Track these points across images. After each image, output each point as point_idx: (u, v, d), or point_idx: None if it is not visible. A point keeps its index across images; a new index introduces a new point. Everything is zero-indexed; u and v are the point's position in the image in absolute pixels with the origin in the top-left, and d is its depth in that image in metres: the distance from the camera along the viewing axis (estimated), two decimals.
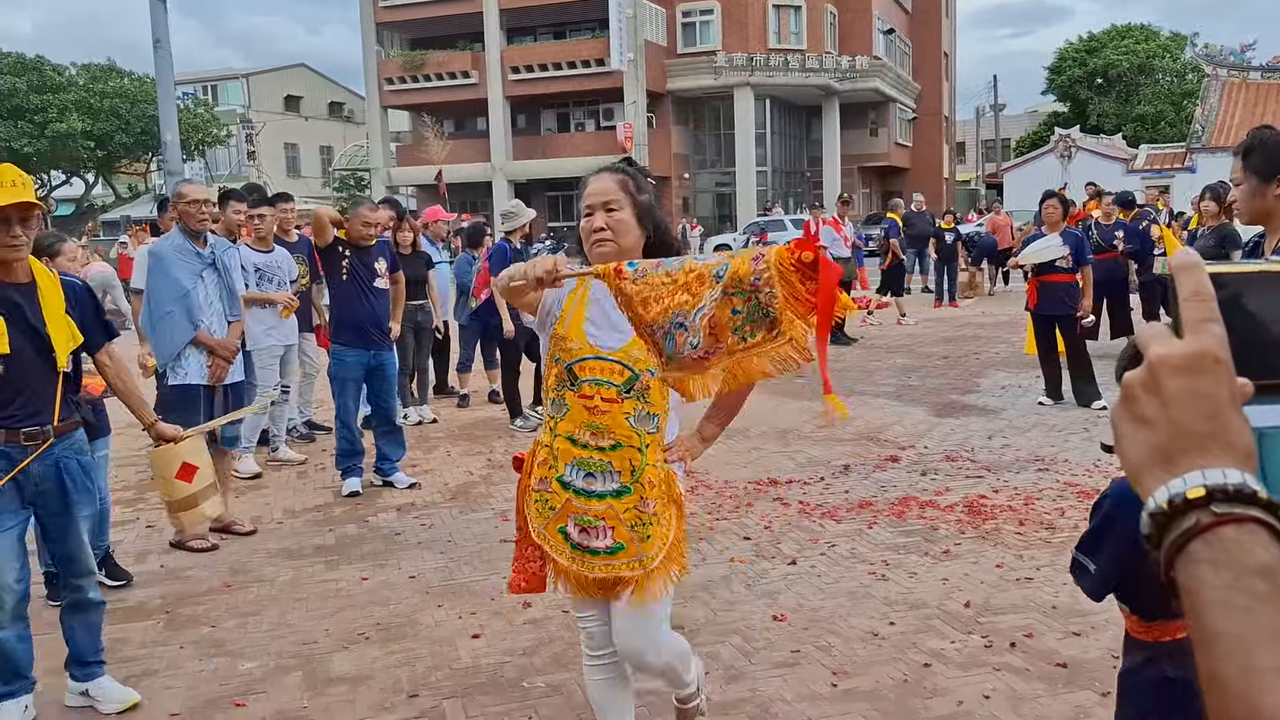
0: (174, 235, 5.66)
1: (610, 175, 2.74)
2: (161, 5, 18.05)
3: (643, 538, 2.65)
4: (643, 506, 2.65)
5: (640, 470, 2.63)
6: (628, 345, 2.59)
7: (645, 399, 2.62)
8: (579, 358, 2.65)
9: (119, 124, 38.74)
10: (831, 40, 43.65)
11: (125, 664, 4.04)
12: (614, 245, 2.64)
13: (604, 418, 2.62)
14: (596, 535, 2.67)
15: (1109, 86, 49.55)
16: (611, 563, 2.67)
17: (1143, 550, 1.39)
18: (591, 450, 2.64)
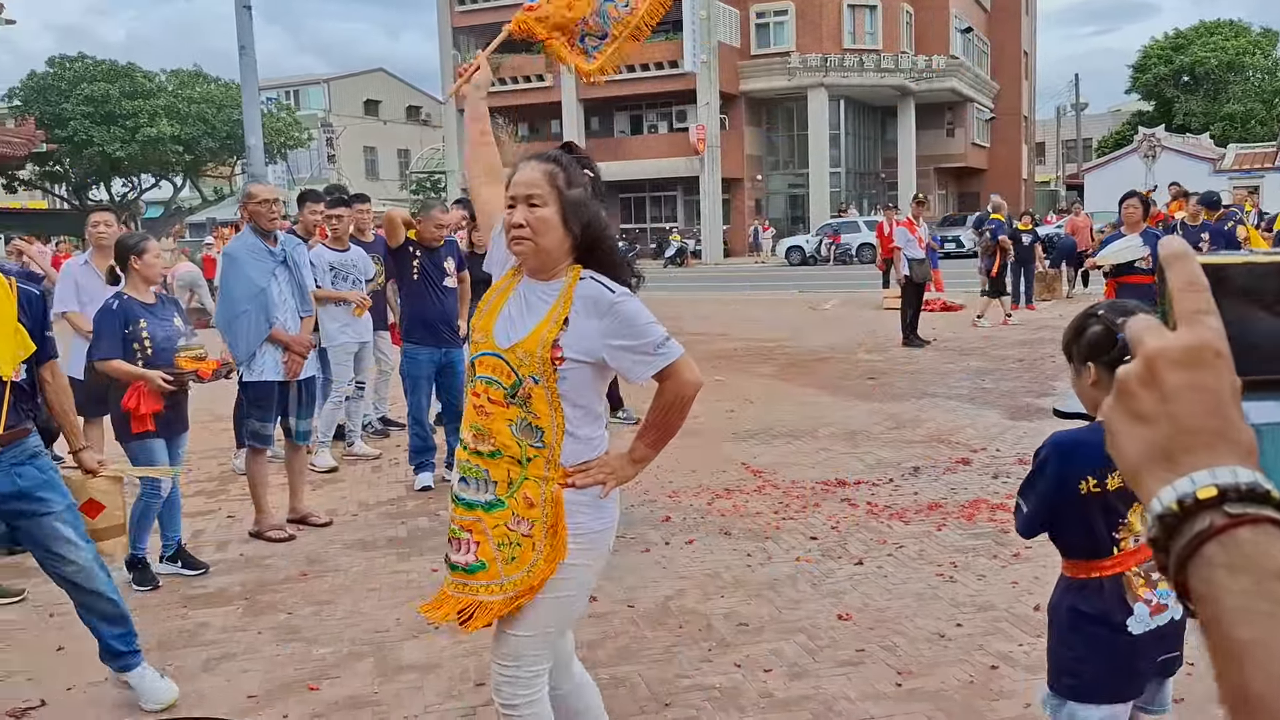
0: (245, 235, 5.80)
1: (538, 165, 2.50)
2: (247, 12, 18.55)
3: (508, 559, 2.41)
4: (514, 524, 2.41)
5: (518, 485, 2.40)
6: (516, 345, 2.41)
7: (528, 408, 2.40)
8: (480, 351, 2.48)
9: (206, 128, 39.95)
10: (907, 40, 43.16)
11: (205, 647, 4.19)
12: (531, 245, 2.45)
13: (487, 420, 2.42)
14: (460, 548, 2.46)
15: (1196, 84, 48.24)
16: (468, 581, 2.45)
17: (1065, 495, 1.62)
18: (470, 454, 2.45)
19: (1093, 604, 2.35)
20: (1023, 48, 52.32)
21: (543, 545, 2.41)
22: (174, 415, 4.96)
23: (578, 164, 2.56)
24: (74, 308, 6.49)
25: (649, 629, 4.19)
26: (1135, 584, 2.34)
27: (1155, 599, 2.34)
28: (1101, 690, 2.36)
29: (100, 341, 4.81)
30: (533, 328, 2.43)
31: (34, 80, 39.46)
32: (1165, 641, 2.38)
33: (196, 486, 6.85)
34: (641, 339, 2.45)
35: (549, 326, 2.42)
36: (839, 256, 34.64)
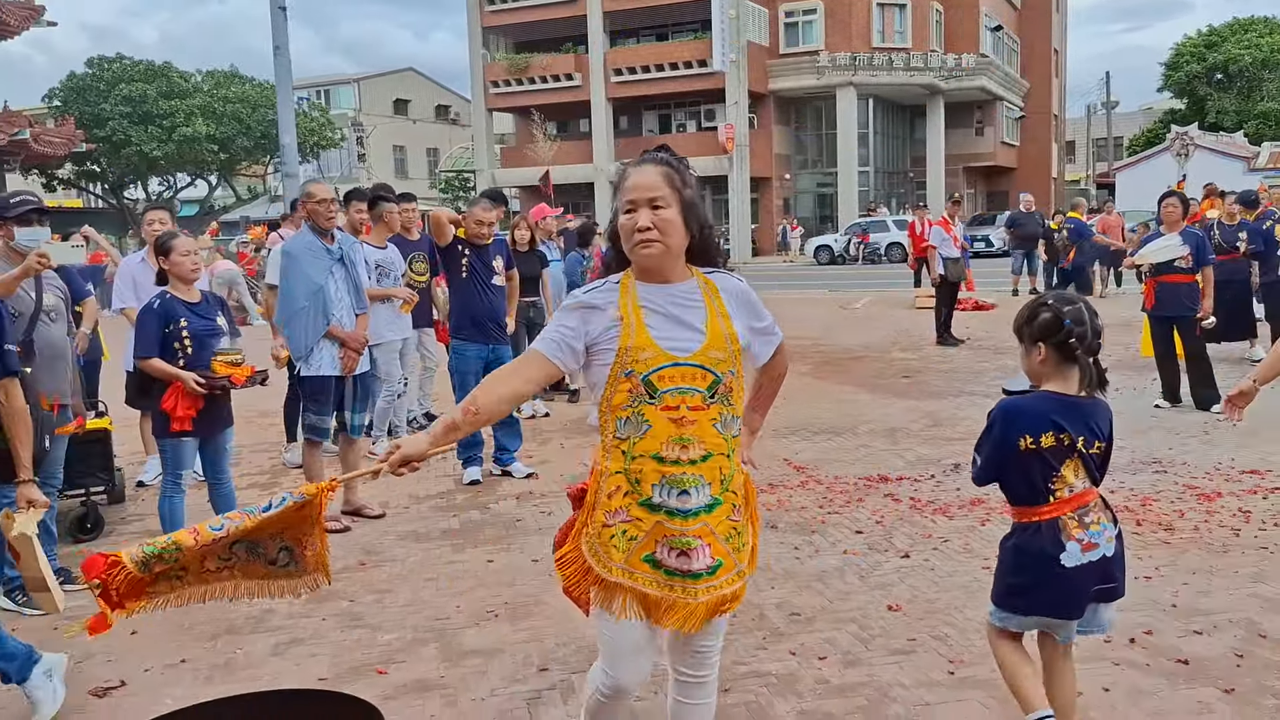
0: (304, 234, 5.94)
1: (654, 167, 2.51)
2: (282, 13, 18.77)
3: (737, 548, 2.52)
4: (734, 516, 2.52)
5: (729, 478, 2.50)
6: (705, 346, 2.46)
7: (728, 402, 2.48)
8: (654, 367, 2.43)
9: (240, 128, 40.40)
10: (937, 38, 43.04)
11: (273, 633, 4.33)
12: (661, 246, 2.46)
13: (692, 428, 2.43)
14: (696, 556, 2.46)
15: (1230, 82, 47.78)
16: (714, 583, 2.49)
17: (1008, 451, 2.20)
18: (683, 465, 2.44)
19: (1032, 543, 2.87)
20: (1053, 46, 52.02)
21: (746, 520, 2.58)
22: (214, 415, 5.06)
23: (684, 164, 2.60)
24: (132, 303, 6.67)
25: None
26: (1069, 526, 2.84)
27: (1086, 538, 2.84)
28: (1038, 608, 2.91)
29: (140, 339, 4.95)
30: (708, 327, 2.48)
31: (73, 81, 40.04)
32: (1100, 574, 2.87)
33: (249, 480, 7.01)
34: (765, 321, 2.66)
35: (722, 321, 2.50)
36: (868, 256, 34.62)
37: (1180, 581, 4.48)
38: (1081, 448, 2.85)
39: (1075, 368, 2.86)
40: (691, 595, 2.47)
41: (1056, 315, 2.80)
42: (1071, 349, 2.82)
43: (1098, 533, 2.85)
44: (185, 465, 5.04)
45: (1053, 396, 2.87)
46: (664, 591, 2.47)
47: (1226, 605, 4.20)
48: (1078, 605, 2.88)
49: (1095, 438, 2.88)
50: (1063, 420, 2.83)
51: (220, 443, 5.20)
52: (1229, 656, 3.72)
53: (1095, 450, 2.90)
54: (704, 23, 39.45)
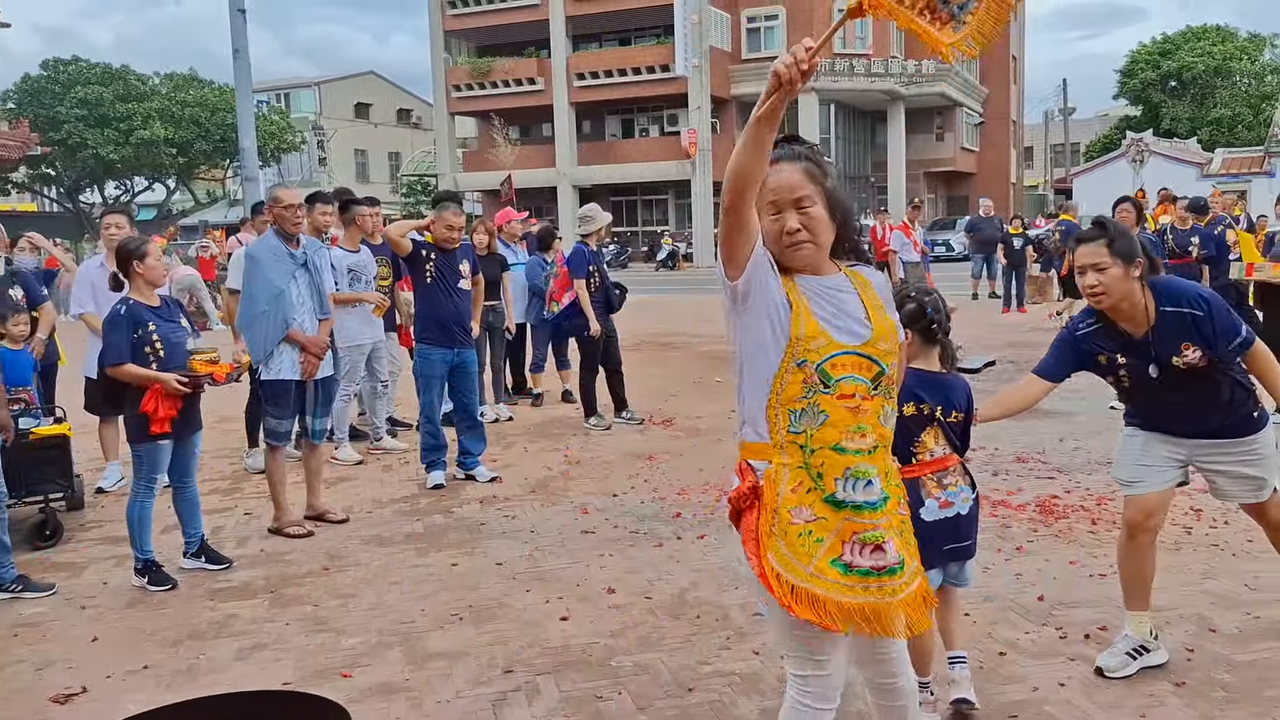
0: (268, 237, 5.92)
1: (793, 166, 2.41)
2: (241, 16, 18.64)
3: (908, 543, 2.43)
4: (900, 509, 2.43)
5: (892, 471, 2.43)
6: (873, 338, 2.37)
7: (890, 395, 2.41)
8: (826, 355, 2.33)
9: (199, 131, 40.00)
10: (898, 45, 43.44)
11: (237, 637, 4.31)
12: (813, 246, 2.38)
13: (865, 417, 2.34)
14: (886, 553, 2.34)
15: (1184, 89, 48.66)
16: (892, 584, 2.35)
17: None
18: (862, 455, 2.33)
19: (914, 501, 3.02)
20: (1011, 53, 52.66)
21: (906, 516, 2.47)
22: (188, 416, 5.07)
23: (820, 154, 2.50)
24: (90, 308, 6.62)
25: (667, 619, 4.33)
26: (928, 485, 3.24)
27: (944, 497, 3.23)
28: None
29: (110, 347, 4.92)
30: (870, 318, 2.40)
31: (28, 83, 39.46)
32: (954, 532, 3.26)
33: (211, 485, 6.96)
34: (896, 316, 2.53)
35: (882, 313, 2.43)
36: None
37: None
38: (940, 416, 3.26)
39: (935, 348, 3.33)
40: (891, 594, 2.33)
41: (920, 305, 3.26)
42: (934, 333, 3.30)
43: (954, 493, 3.26)
44: (161, 469, 5.02)
45: (916, 372, 3.24)
46: (860, 596, 2.30)
47: (1178, 601, 4.30)
48: (931, 555, 3.08)
49: (953, 408, 3.28)
50: (923, 393, 3.23)
51: (190, 446, 5.19)
52: (1180, 651, 3.81)
53: (954, 419, 3.29)
54: (666, 28, 39.55)
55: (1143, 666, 3.65)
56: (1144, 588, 3.71)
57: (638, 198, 43.85)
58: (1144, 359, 3.51)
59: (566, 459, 7.42)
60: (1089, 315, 3.62)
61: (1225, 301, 3.55)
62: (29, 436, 5.80)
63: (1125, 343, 3.54)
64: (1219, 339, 3.40)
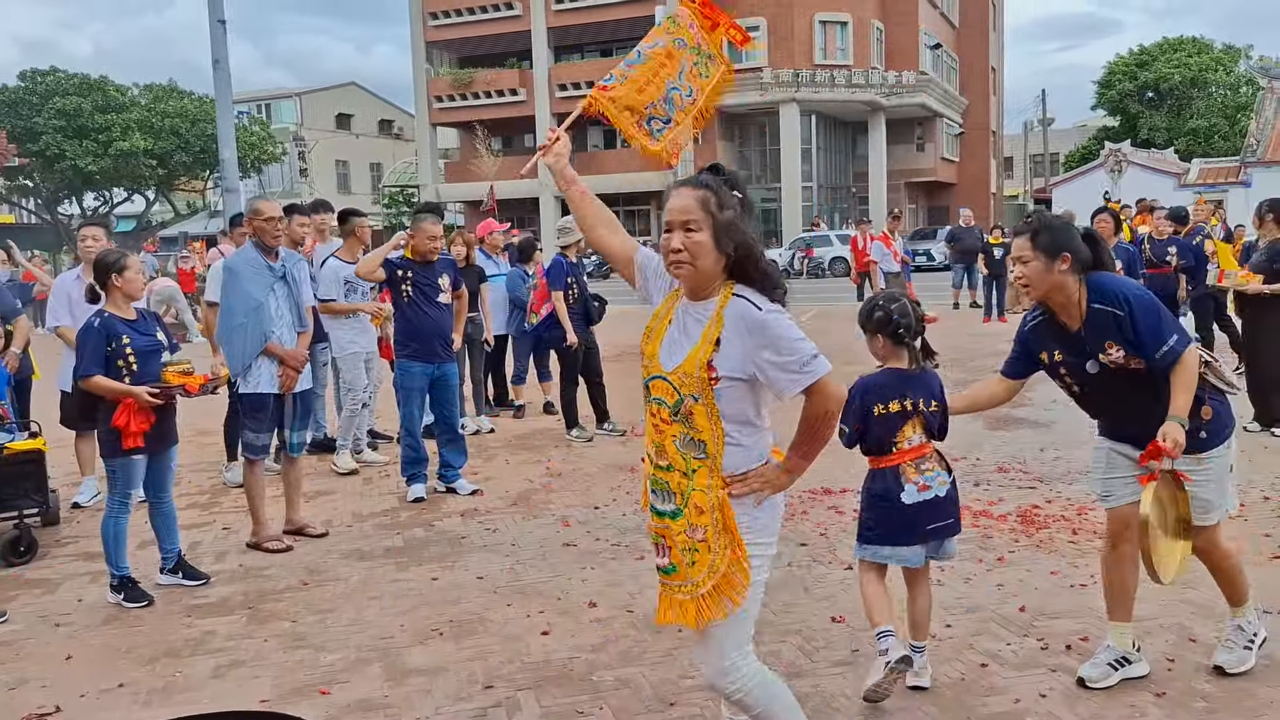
0: (247, 249, 5.88)
1: (690, 190, 2.62)
2: (221, 27, 18.55)
3: (689, 563, 2.64)
4: (691, 532, 2.63)
5: (688, 495, 2.62)
6: (678, 368, 2.60)
7: (690, 424, 2.60)
8: (651, 375, 2.69)
9: (179, 142, 39.81)
10: (878, 55, 43.71)
11: (214, 654, 4.26)
12: (690, 268, 2.60)
13: (661, 437, 2.67)
14: (659, 553, 2.73)
15: (1160, 100, 49.09)
16: (668, 582, 2.72)
17: (865, 416, 3.25)
18: (655, 468, 2.71)
19: (878, 485, 3.63)
20: (990, 64, 53.06)
21: (718, 546, 2.62)
22: (162, 430, 5.01)
23: (726, 185, 2.66)
24: (67, 322, 6.55)
25: (649, 633, 4.30)
26: (908, 471, 3.58)
27: (921, 481, 3.59)
28: (887, 539, 3.63)
29: (83, 359, 4.85)
30: (690, 350, 2.61)
31: (6, 94, 39.20)
32: (935, 512, 3.60)
33: (189, 500, 6.90)
34: (790, 355, 2.57)
35: (704, 347, 2.59)
36: (811, 270, 34.95)
37: None
38: (922, 408, 3.61)
39: (905, 349, 3.65)
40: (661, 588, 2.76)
41: (887, 312, 3.63)
42: (900, 336, 3.63)
43: (931, 477, 3.60)
44: (135, 484, 4.96)
45: (895, 372, 3.65)
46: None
47: (1158, 611, 4.30)
48: (914, 534, 3.59)
49: (931, 398, 3.64)
50: (905, 389, 3.61)
51: (166, 460, 5.13)
52: (1161, 661, 3.82)
53: (934, 409, 3.64)
54: None
55: (1124, 678, 3.65)
56: (1126, 598, 3.71)
57: (620, 208, 43.84)
58: (1080, 355, 3.56)
59: (548, 471, 7.39)
60: (1037, 308, 3.69)
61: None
62: (3, 451, 5.73)
63: (1064, 338, 3.59)
64: (1144, 343, 3.40)
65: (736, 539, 2.63)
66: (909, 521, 3.58)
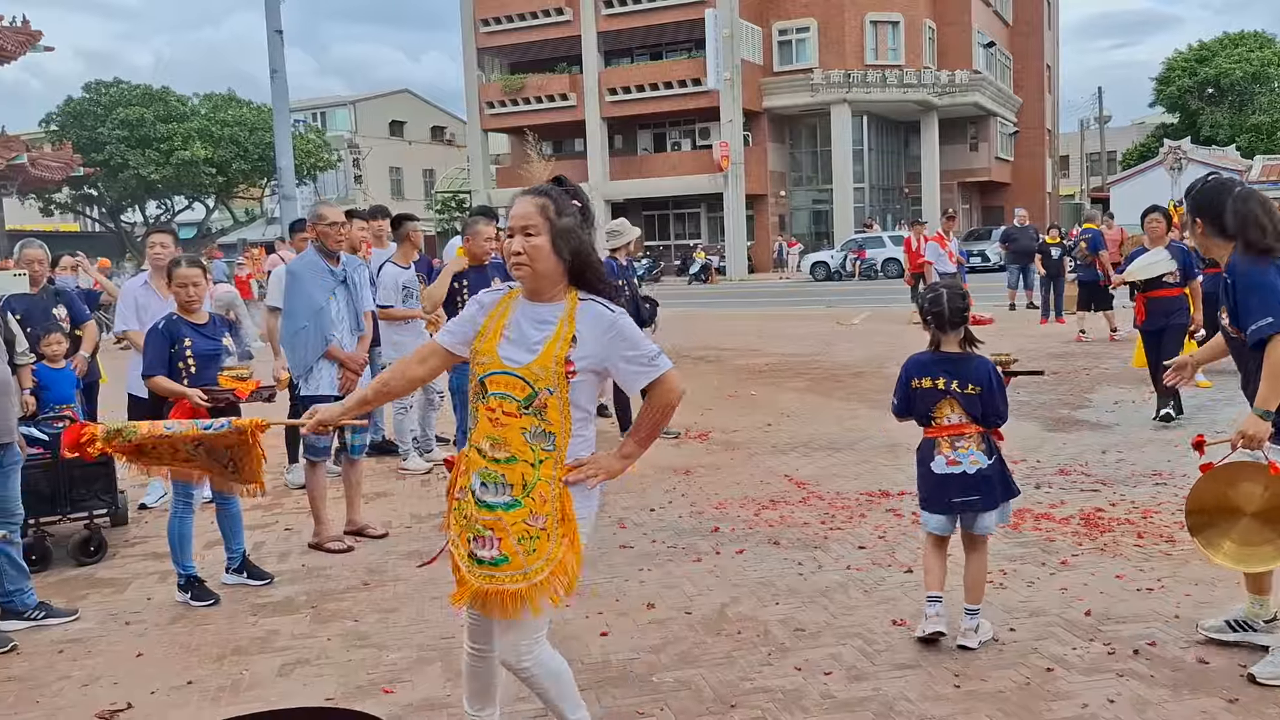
0: (309, 254, 5.97)
1: (530, 198, 2.84)
2: (278, 37, 18.86)
3: (528, 551, 2.77)
4: (531, 521, 2.77)
5: (532, 486, 2.77)
6: (532, 363, 2.77)
7: (543, 416, 2.76)
8: (490, 371, 2.81)
9: (238, 151, 40.50)
10: (930, 55, 43.28)
11: (279, 653, 4.33)
12: (529, 269, 2.80)
13: (503, 430, 2.78)
14: (484, 545, 2.80)
15: (1221, 96, 48.04)
16: (494, 574, 2.79)
17: (907, 389, 4.04)
18: (488, 461, 2.79)
19: (920, 453, 4.09)
20: (1045, 61, 52.34)
21: (556, 534, 2.80)
22: None
23: (567, 195, 2.88)
24: (134, 326, 6.68)
25: (708, 635, 4.30)
26: (941, 445, 3.98)
27: (952, 456, 3.95)
28: (924, 503, 4.11)
29: (146, 358, 5.04)
30: (544, 345, 2.78)
31: (71, 106, 40.17)
32: (961, 486, 3.95)
33: (252, 501, 6.90)
34: (639, 351, 2.84)
35: (560, 344, 2.79)
36: (864, 272, 34.71)
37: (1182, 593, 4.49)
38: (955, 389, 3.95)
39: (952, 333, 4.03)
40: (474, 576, 2.84)
41: (924, 301, 4.12)
42: (932, 323, 4.04)
43: (964, 455, 3.95)
44: (196, 485, 5.05)
45: (937, 354, 4.05)
46: (465, 567, 2.87)
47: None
48: (941, 501, 4.02)
49: (968, 381, 3.94)
50: (939, 370, 3.99)
51: None
52: (1233, 667, 3.74)
53: (970, 391, 3.94)
54: (698, 42, 39.67)
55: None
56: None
57: (669, 211, 43.91)
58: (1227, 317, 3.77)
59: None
60: None
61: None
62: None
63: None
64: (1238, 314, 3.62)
65: (574, 526, 2.81)
66: (935, 490, 4.02)
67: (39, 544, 5.70)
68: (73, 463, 5.85)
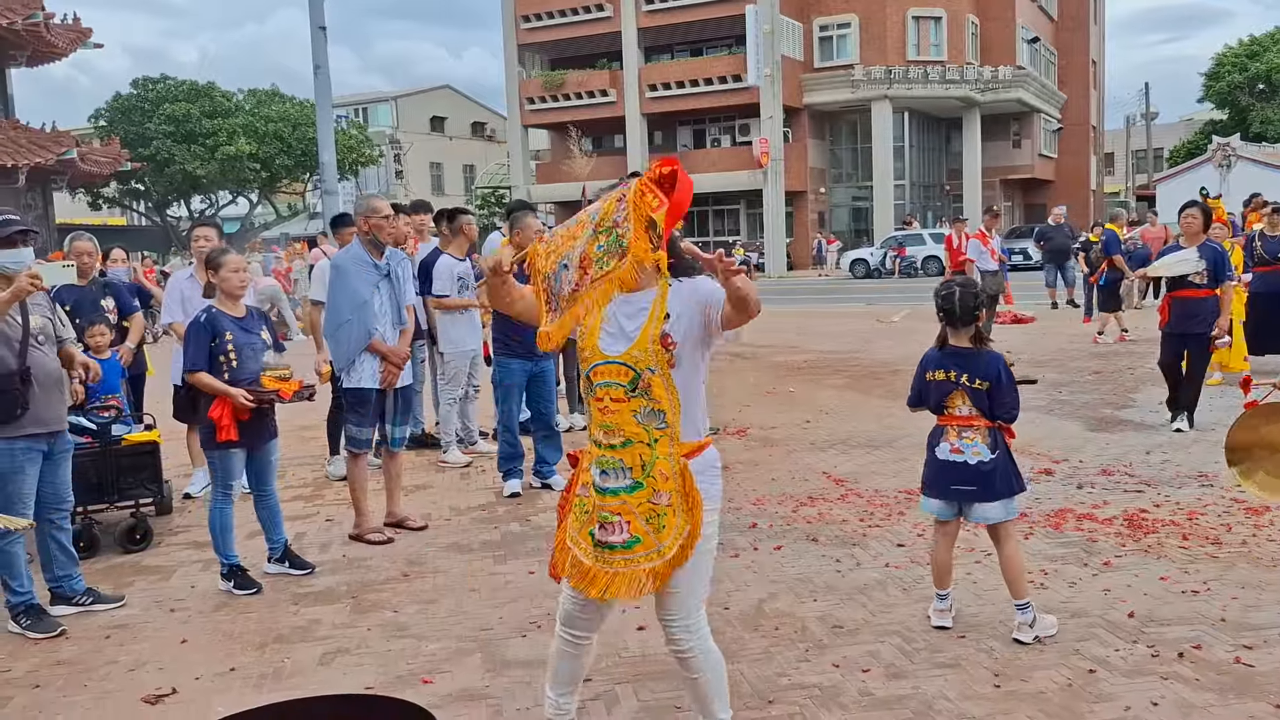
0: (354, 247, 6.00)
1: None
2: (322, 33, 19.00)
3: (658, 529, 2.86)
4: (656, 499, 2.86)
5: (650, 465, 2.86)
6: (630, 348, 2.87)
7: (650, 396, 2.86)
8: (592, 364, 2.92)
9: (281, 146, 40.95)
10: (973, 50, 42.83)
11: (320, 642, 4.38)
12: None
13: (613, 416, 2.88)
14: (613, 530, 2.88)
15: (1273, 92, 47.14)
16: (629, 556, 2.88)
17: (922, 380, 4.21)
18: (604, 449, 2.90)
19: (931, 439, 4.23)
20: (1091, 57, 51.61)
21: (682, 510, 2.87)
22: (260, 425, 5.14)
23: None
24: (179, 318, 6.77)
25: (745, 631, 4.30)
26: (949, 433, 4.14)
27: (956, 444, 4.11)
28: (925, 486, 4.30)
29: (188, 353, 5.07)
30: (640, 331, 2.88)
31: (119, 101, 40.82)
32: (958, 475, 4.10)
33: (293, 492, 7.10)
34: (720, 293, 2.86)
35: (654, 324, 2.88)
36: (904, 269, 34.45)
37: (1229, 596, 4.43)
38: (965, 383, 4.08)
39: (963, 329, 4.13)
40: (607, 564, 2.90)
41: (937, 297, 4.20)
42: (950, 319, 4.15)
43: (968, 445, 4.09)
44: (235, 475, 5.12)
45: (948, 349, 4.18)
46: (591, 561, 2.93)
47: (1277, 620, 4.15)
48: (939, 487, 4.19)
49: (976, 376, 4.07)
50: (950, 364, 4.13)
51: (266, 455, 5.27)
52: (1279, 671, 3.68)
53: (980, 386, 4.06)
54: (738, 38, 39.54)
55: None
56: None
57: (709, 208, 43.80)
58: None
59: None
60: None
61: None
62: (120, 442, 5.98)
63: None
64: None
65: (696, 499, 2.88)
66: (936, 474, 4.19)
67: (87, 531, 5.80)
68: (120, 452, 5.97)
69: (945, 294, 4.16)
